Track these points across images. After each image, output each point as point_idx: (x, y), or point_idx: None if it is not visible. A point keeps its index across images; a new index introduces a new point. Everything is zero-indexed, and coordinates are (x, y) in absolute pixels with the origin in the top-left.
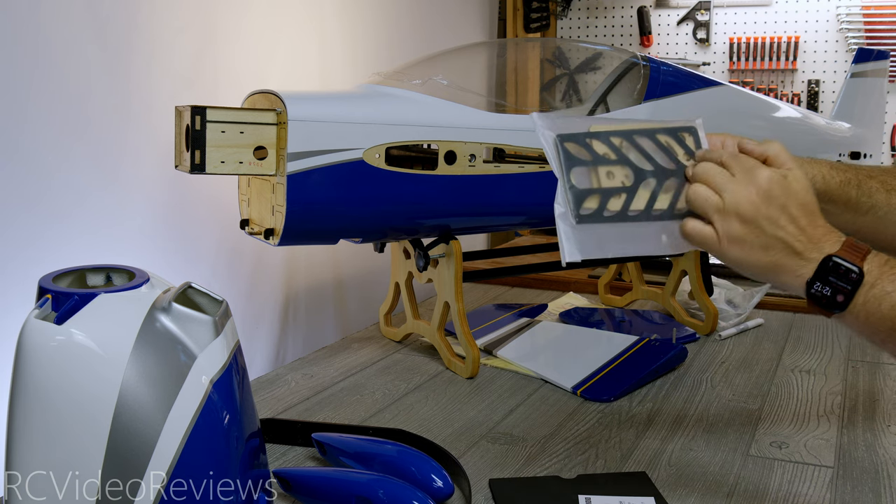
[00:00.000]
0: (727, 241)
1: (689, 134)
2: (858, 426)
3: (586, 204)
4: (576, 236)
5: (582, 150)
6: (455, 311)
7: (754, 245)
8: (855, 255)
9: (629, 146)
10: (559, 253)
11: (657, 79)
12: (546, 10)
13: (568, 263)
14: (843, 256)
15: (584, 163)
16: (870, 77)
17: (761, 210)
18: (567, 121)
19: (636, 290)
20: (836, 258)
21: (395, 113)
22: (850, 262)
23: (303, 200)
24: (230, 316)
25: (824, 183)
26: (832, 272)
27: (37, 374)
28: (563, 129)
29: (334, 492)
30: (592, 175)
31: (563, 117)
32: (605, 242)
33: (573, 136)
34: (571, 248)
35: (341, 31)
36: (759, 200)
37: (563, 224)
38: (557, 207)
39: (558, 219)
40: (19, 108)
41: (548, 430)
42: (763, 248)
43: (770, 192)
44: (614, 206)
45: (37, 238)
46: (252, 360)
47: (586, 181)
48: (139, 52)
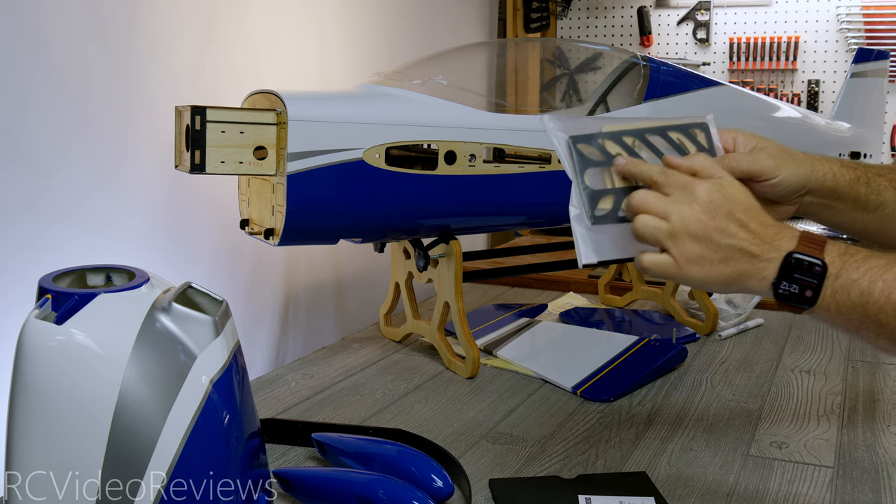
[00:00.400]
0: (686, 263)
1: (700, 130)
2: (858, 426)
3: (601, 205)
4: (592, 238)
5: (594, 151)
6: (455, 311)
7: (713, 260)
8: (814, 247)
9: (641, 145)
10: (559, 253)
11: (657, 79)
12: (546, 10)
13: (584, 265)
14: (803, 251)
15: (598, 163)
16: (870, 77)
17: (709, 224)
18: (579, 121)
19: (636, 290)
20: (797, 254)
21: (395, 113)
22: (811, 255)
23: (303, 200)
24: (230, 316)
25: (833, 180)
26: (796, 269)
27: (37, 374)
28: (575, 131)
29: (334, 492)
30: (606, 175)
31: (574, 118)
32: (620, 243)
33: (585, 137)
34: (588, 250)
35: (341, 31)
36: (705, 215)
37: (578, 226)
38: (572, 209)
39: (574, 221)
40: (19, 108)
41: (548, 430)
42: (722, 260)
43: (712, 203)
44: (628, 207)
45: (37, 238)
46: (252, 360)
47: (600, 182)
48: (139, 52)
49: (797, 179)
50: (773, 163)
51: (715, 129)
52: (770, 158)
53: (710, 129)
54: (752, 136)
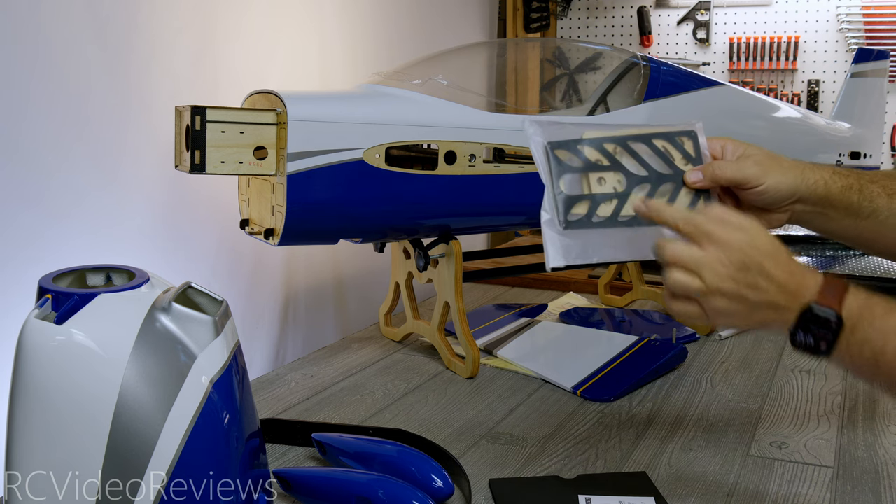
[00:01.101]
0: (715, 316)
1: (688, 138)
2: (858, 426)
3: (575, 210)
4: (561, 242)
5: (573, 157)
6: (455, 311)
7: (742, 314)
8: (832, 298)
9: (623, 152)
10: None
11: (657, 79)
12: (546, 10)
13: (552, 268)
14: (821, 303)
15: (575, 169)
16: (870, 77)
17: (741, 281)
18: (559, 127)
19: (636, 290)
20: (814, 306)
21: (395, 113)
22: (828, 307)
23: (303, 200)
24: (230, 316)
25: (825, 188)
26: (812, 321)
27: (37, 374)
28: (554, 137)
29: (334, 492)
30: (584, 181)
31: (555, 124)
32: (591, 248)
33: (564, 143)
34: (555, 254)
35: (341, 31)
36: (738, 273)
37: (548, 230)
38: (544, 214)
39: (544, 225)
40: (19, 108)
41: (548, 430)
42: (749, 313)
43: (744, 261)
44: (604, 212)
45: (37, 238)
46: (252, 360)
47: (577, 187)
48: (139, 52)
49: (785, 187)
50: (759, 170)
51: (703, 136)
52: (756, 166)
53: (699, 136)
54: (741, 143)
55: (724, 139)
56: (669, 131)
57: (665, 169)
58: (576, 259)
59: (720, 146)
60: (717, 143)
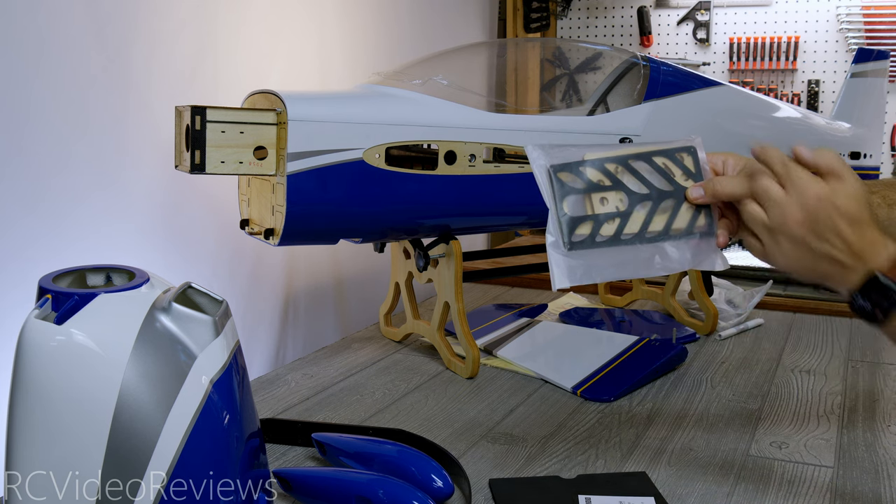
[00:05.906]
0: (775, 255)
1: (687, 154)
2: (858, 426)
3: (578, 231)
4: (566, 263)
5: (576, 179)
6: (455, 311)
7: (804, 260)
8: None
9: (624, 171)
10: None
11: (657, 79)
12: (546, 10)
13: (558, 289)
14: (889, 275)
15: (578, 190)
16: (870, 77)
17: (810, 230)
18: (561, 150)
19: (636, 290)
20: (879, 275)
21: (395, 113)
22: (893, 280)
23: (303, 200)
24: (230, 316)
25: None
26: (874, 288)
27: (37, 374)
28: (556, 160)
29: (334, 492)
30: (586, 202)
31: (556, 147)
32: (595, 268)
33: (566, 166)
34: (561, 275)
35: (341, 31)
36: (808, 222)
37: (553, 252)
38: (549, 237)
39: (549, 247)
40: (20, 108)
41: (548, 430)
42: (813, 261)
43: (818, 213)
44: (607, 231)
45: (37, 238)
46: (252, 360)
47: (580, 209)
48: (139, 52)
49: None
50: None
51: (703, 152)
52: None
53: (698, 152)
54: (742, 158)
55: (725, 154)
56: (669, 148)
57: (666, 186)
58: (581, 279)
59: (721, 161)
60: (719, 159)
